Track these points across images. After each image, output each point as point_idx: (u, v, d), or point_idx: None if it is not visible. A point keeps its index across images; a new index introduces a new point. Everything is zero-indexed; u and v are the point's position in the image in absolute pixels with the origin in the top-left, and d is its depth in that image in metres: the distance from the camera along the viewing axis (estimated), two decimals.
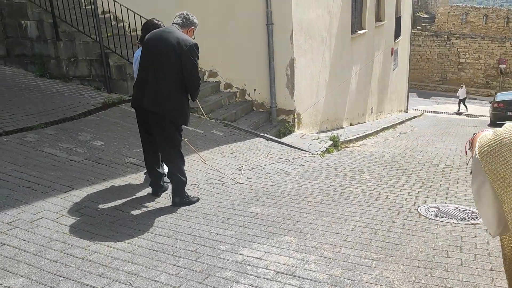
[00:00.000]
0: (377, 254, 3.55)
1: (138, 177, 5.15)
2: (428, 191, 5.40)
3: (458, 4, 39.26)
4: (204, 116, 7.16)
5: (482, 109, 27.73)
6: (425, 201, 4.99)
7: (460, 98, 26.98)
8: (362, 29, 13.46)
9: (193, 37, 4.40)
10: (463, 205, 4.81)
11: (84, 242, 3.52)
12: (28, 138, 5.76)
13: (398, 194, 5.23)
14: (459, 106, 27.14)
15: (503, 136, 1.96)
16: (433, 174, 6.33)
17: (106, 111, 7.29)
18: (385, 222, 4.28)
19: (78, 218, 3.95)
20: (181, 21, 4.33)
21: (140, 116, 4.48)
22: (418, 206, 4.76)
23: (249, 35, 8.63)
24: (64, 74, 8.70)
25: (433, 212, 4.56)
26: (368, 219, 4.36)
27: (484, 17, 34.14)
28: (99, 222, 3.94)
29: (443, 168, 6.82)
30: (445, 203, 4.92)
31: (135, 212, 4.23)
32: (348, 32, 11.92)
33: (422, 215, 4.49)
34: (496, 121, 18.53)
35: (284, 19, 8.24)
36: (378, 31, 15.44)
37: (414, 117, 20.12)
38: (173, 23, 4.34)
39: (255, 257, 3.44)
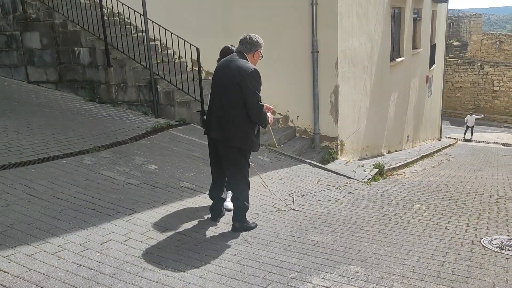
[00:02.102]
0: (448, 287, 3.47)
1: (194, 202, 5.22)
2: (487, 223, 5.28)
3: (491, 32, 38.86)
4: (276, 146, 7.31)
5: None
6: (486, 233, 4.88)
7: (469, 125, 26.54)
8: (400, 56, 13.47)
9: (261, 57, 4.44)
10: None
11: (154, 265, 3.58)
12: (86, 161, 5.94)
13: (457, 225, 5.13)
14: (465, 132, 26.66)
15: None
16: (488, 205, 6.20)
17: (156, 135, 7.46)
18: (450, 254, 4.19)
19: (144, 241, 4.01)
20: (244, 47, 4.33)
21: (211, 142, 4.55)
22: (481, 238, 4.66)
23: (293, 62, 8.75)
24: (113, 99, 8.98)
25: (498, 245, 4.45)
26: (431, 250, 4.29)
27: None
28: (165, 245, 4.00)
29: (497, 199, 6.67)
30: (508, 235, 4.80)
31: (198, 237, 4.28)
32: (387, 59, 11.96)
33: (486, 247, 4.39)
34: None
35: (329, 47, 8.34)
36: (414, 58, 15.43)
37: (449, 145, 19.77)
38: (236, 50, 4.42)
39: (325, 286, 3.42)
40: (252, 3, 8.89)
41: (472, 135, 26.78)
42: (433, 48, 19.21)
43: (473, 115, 27.15)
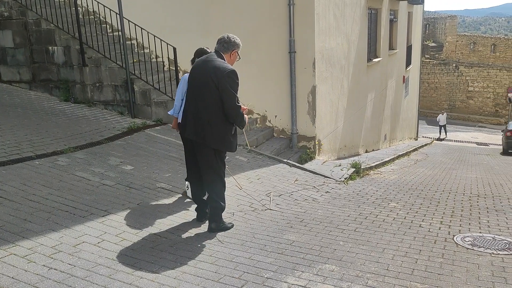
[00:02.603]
0: (422, 284, 3.52)
1: (170, 202, 5.17)
2: (460, 220, 5.38)
3: (466, 34, 39.71)
4: (248, 146, 7.31)
5: (492, 137, 27.71)
6: (459, 230, 4.97)
7: (441, 124, 27.06)
8: (377, 57, 13.63)
9: (238, 58, 4.44)
10: (499, 235, 4.78)
11: (128, 267, 3.53)
12: (59, 162, 5.82)
13: (431, 223, 5.22)
14: (440, 132, 27.18)
15: None
16: (461, 203, 6.32)
17: (132, 135, 7.37)
18: (424, 251, 4.25)
19: (118, 243, 3.96)
20: (222, 47, 4.32)
21: (187, 142, 4.51)
22: (454, 236, 4.74)
23: (270, 62, 8.76)
24: (88, 99, 8.84)
25: (470, 242, 4.53)
26: (406, 248, 4.34)
27: (492, 46, 34.45)
28: (139, 247, 3.95)
29: (470, 197, 6.80)
30: (480, 232, 4.90)
31: (173, 238, 4.24)
32: (364, 60, 12.08)
33: (459, 244, 4.47)
34: (509, 149, 18.48)
35: (306, 47, 8.37)
36: (391, 59, 15.63)
37: (425, 145, 20.08)
38: (214, 50, 4.39)
39: (300, 285, 3.42)
40: (229, 3, 8.87)
41: (446, 133, 27.29)
42: (409, 49, 19.50)
43: (444, 114, 27.69)
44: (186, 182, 5.46)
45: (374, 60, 13.13)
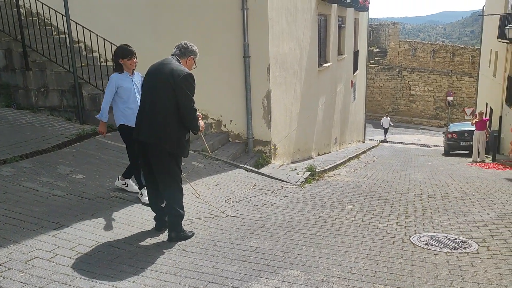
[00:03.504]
0: (385, 286, 3.57)
1: (126, 212, 4.97)
2: (414, 221, 5.55)
3: (408, 40, 41.55)
4: (208, 153, 7.20)
5: (433, 139, 29.09)
6: (415, 230, 5.12)
7: (384, 127, 28.32)
8: (327, 62, 13.92)
9: (194, 65, 4.39)
10: (451, 234, 4.96)
11: (86, 282, 3.34)
12: (3, 172, 5.45)
13: (387, 224, 5.34)
14: (385, 134, 28.46)
15: None
16: (414, 204, 6.53)
17: (81, 143, 7.05)
18: (384, 253, 4.34)
19: (73, 257, 3.74)
20: (178, 51, 4.31)
21: (140, 149, 4.35)
22: (410, 236, 4.87)
23: (225, 67, 8.70)
24: (32, 104, 8.38)
25: (426, 242, 4.68)
26: (366, 250, 4.41)
27: (432, 52, 36.25)
28: (96, 260, 3.75)
29: (421, 197, 7.05)
30: (434, 232, 5.07)
31: (132, 249, 4.07)
32: (315, 65, 12.29)
33: (416, 244, 4.59)
34: (450, 150, 19.40)
35: (261, 52, 8.38)
36: (339, 64, 16.03)
37: (373, 147, 20.75)
38: (171, 54, 4.31)
39: None
40: (182, 7, 8.73)
41: (385, 135, 28.48)
42: (356, 54, 20.10)
43: (388, 117, 28.85)
44: (140, 190, 5.32)
45: (324, 65, 13.39)
